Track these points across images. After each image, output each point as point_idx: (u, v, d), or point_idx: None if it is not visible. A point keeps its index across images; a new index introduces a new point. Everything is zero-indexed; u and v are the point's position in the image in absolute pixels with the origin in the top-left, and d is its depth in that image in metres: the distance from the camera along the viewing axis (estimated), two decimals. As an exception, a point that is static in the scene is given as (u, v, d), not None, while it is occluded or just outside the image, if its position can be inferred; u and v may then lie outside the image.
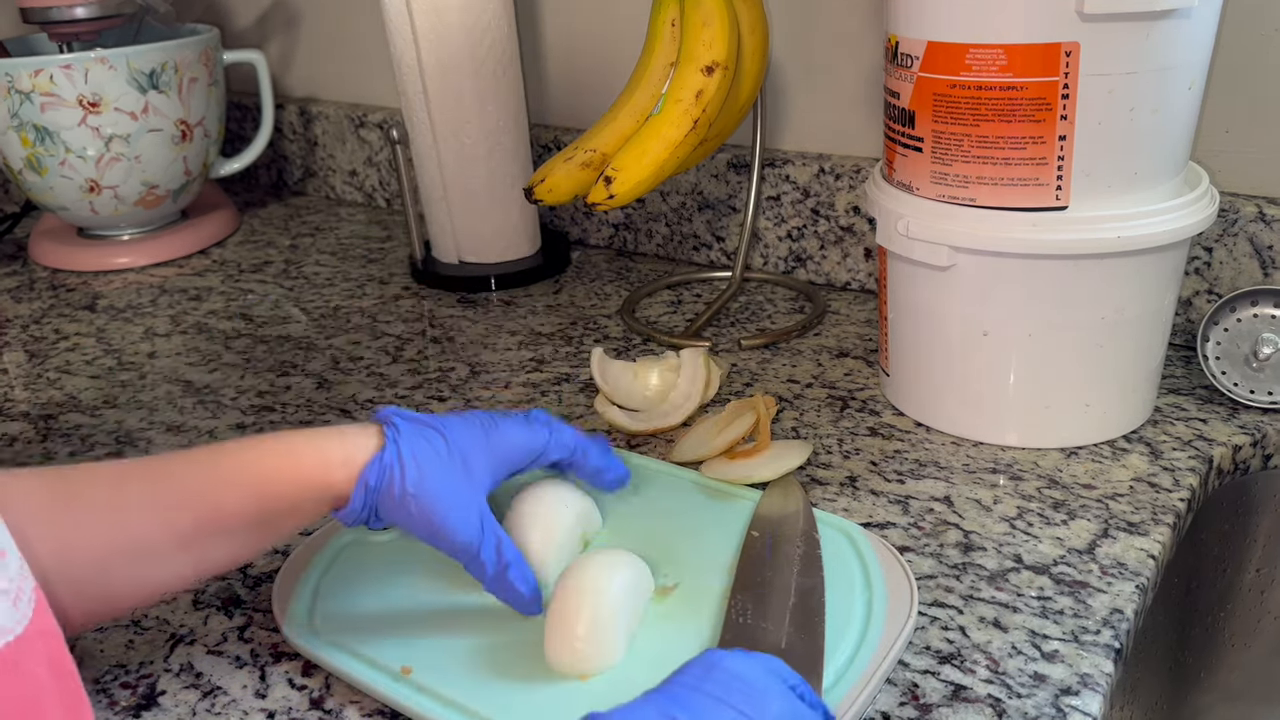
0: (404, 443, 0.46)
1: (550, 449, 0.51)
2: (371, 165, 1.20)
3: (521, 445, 0.50)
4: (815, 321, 0.83)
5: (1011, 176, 0.57)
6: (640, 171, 0.71)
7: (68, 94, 0.97)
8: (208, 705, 0.47)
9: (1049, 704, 0.44)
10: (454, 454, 0.47)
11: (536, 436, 0.51)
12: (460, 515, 0.46)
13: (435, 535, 0.46)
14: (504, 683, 0.45)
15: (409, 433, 0.47)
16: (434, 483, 0.46)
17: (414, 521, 0.46)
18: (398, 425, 0.47)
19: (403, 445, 0.46)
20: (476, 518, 0.47)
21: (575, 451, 0.53)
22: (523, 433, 0.50)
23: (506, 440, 0.50)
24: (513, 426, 0.50)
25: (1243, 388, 0.67)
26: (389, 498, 0.45)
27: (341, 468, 0.45)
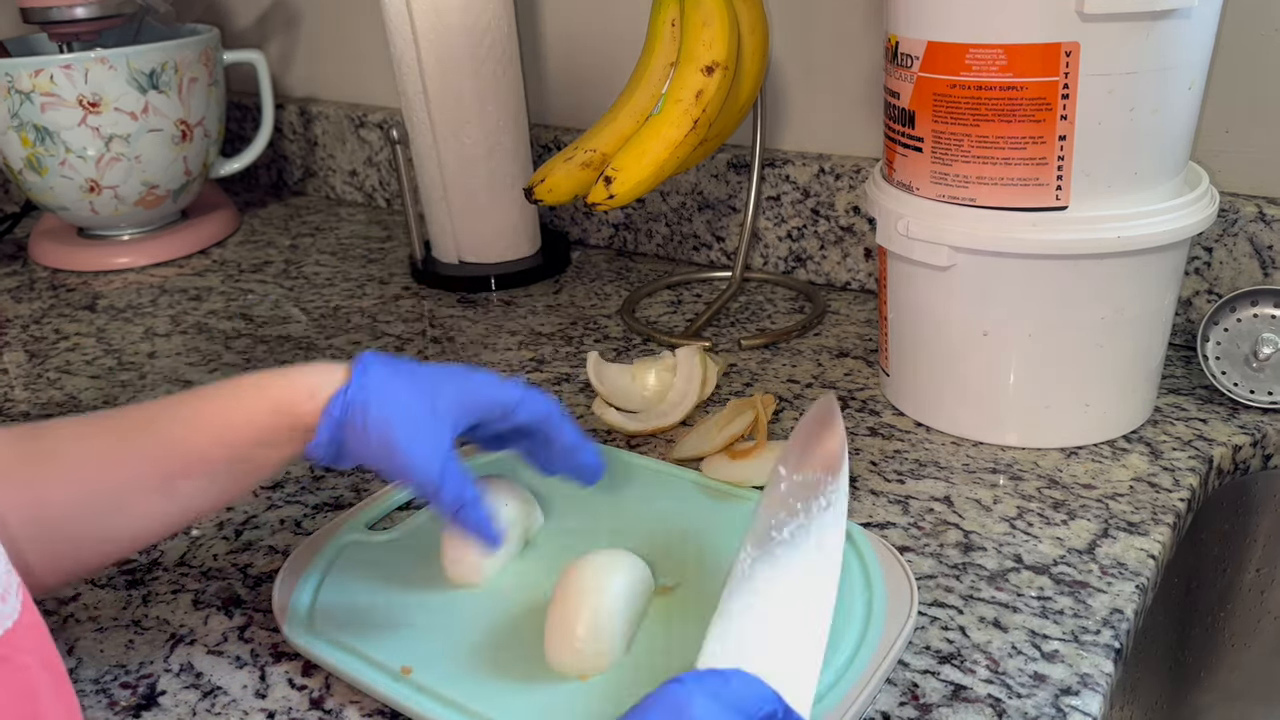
0: (371, 377, 0.46)
1: (521, 408, 0.50)
2: (371, 165, 1.20)
3: (491, 396, 0.50)
4: (815, 321, 0.83)
5: (1011, 176, 0.57)
6: (640, 171, 0.71)
7: (68, 94, 0.97)
8: (208, 705, 0.47)
9: (1049, 704, 0.44)
10: (421, 391, 0.47)
11: (509, 391, 0.50)
12: (423, 450, 0.46)
13: (397, 468, 0.46)
14: (504, 683, 0.45)
15: (377, 368, 0.47)
16: (398, 416, 0.45)
17: (376, 453, 0.45)
18: (367, 361, 0.47)
19: (370, 379, 0.46)
20: (439, 454, 0.46)
21: (549, 419, 0.52)
22: (495, 384, 0.50)
23: (477, 386, 0.50)
24: (486, 377, 0.50)
25: (1243, 388, 0.67)
26: (353, 429, 0.45)
27: (309, 400, 0.45)
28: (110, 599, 0.55)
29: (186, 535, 0.60)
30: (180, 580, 0.56)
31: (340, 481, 0.65)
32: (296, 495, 0.64)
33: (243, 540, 0.60)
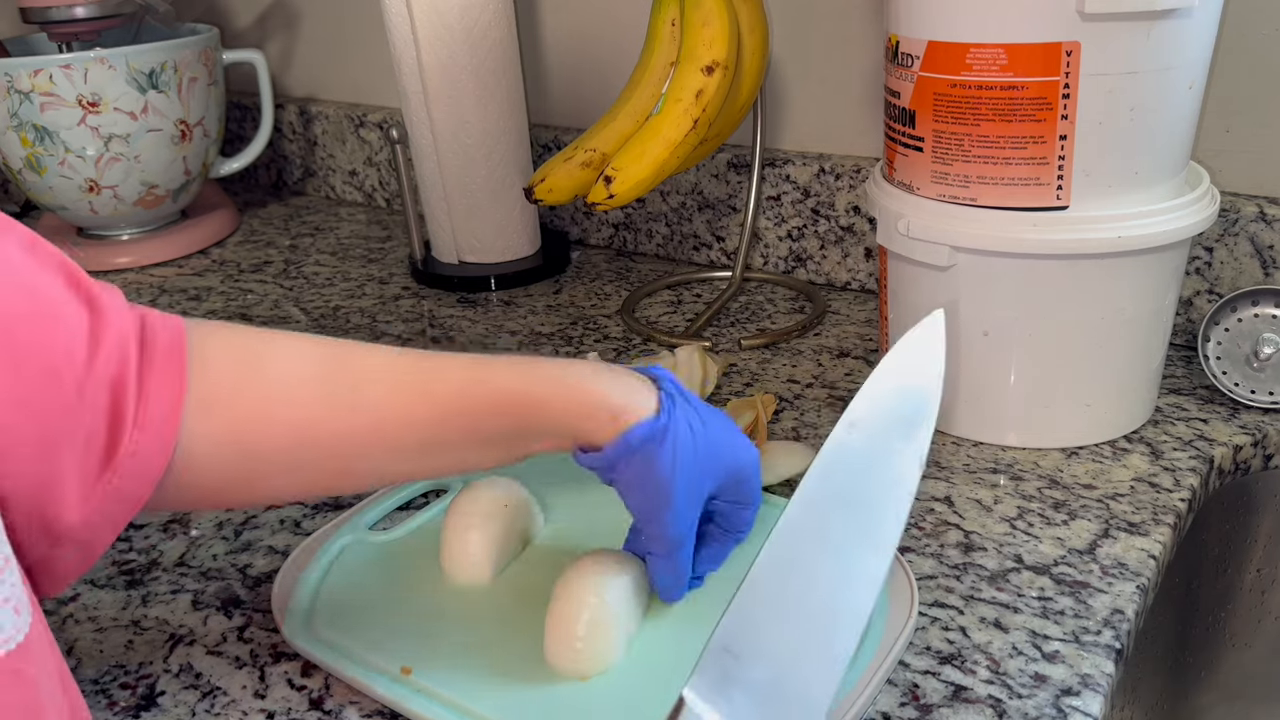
0: (676, 420, 0.45)
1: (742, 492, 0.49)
2: (371, 165, 1.20)
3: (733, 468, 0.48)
4: (815, 321, 0.83)
5: (1012, 176, 0.57)
6: (640, 171, 0.71)
7: (67, 94, 0.97)
8: (207, 705, 0.47)
9: (1049, 704, 0.44)
10: (700, 450, 0.46)
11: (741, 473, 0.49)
12: (684, 511, 0.46)
13: (653, 516, 0.45)
14: (504, 683, 0.45)
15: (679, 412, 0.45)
16: (682, 472, 0.45)
17: (645, 495, 0.45)
18: (673, 397, 0.45)
19: (673, 422, 0.44)
20: (693, 519, 0.46)
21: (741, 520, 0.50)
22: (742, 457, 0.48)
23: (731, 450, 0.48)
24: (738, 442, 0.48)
25: (1243, 388, 0.66)
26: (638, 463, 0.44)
27: (610, 423, 0.44)
28: (109, 599, 0.55)
29: (186, 535, 0.60)
30: (180, 580, 0.56)
31: (340, 481, 0.65)
32: (296, 495, 0.64)
33: (242, 540, 0.60)
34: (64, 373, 0.36)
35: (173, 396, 0.39)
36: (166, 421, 0.39)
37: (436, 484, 0.62)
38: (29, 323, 0.35)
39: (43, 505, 0.36)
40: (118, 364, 0.37)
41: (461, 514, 0.52)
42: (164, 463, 0.39)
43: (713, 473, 0.47)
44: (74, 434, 0.36)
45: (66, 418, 0.36)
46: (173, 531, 0.61)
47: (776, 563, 0.37)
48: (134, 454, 0.37)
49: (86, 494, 0.37)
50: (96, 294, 0.39)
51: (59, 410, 0.35)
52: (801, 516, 0.38)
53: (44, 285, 0.36)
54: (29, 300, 0.36)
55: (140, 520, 0.62)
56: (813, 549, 0.38)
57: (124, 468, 0.37)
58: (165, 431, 0.39)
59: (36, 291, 0.36)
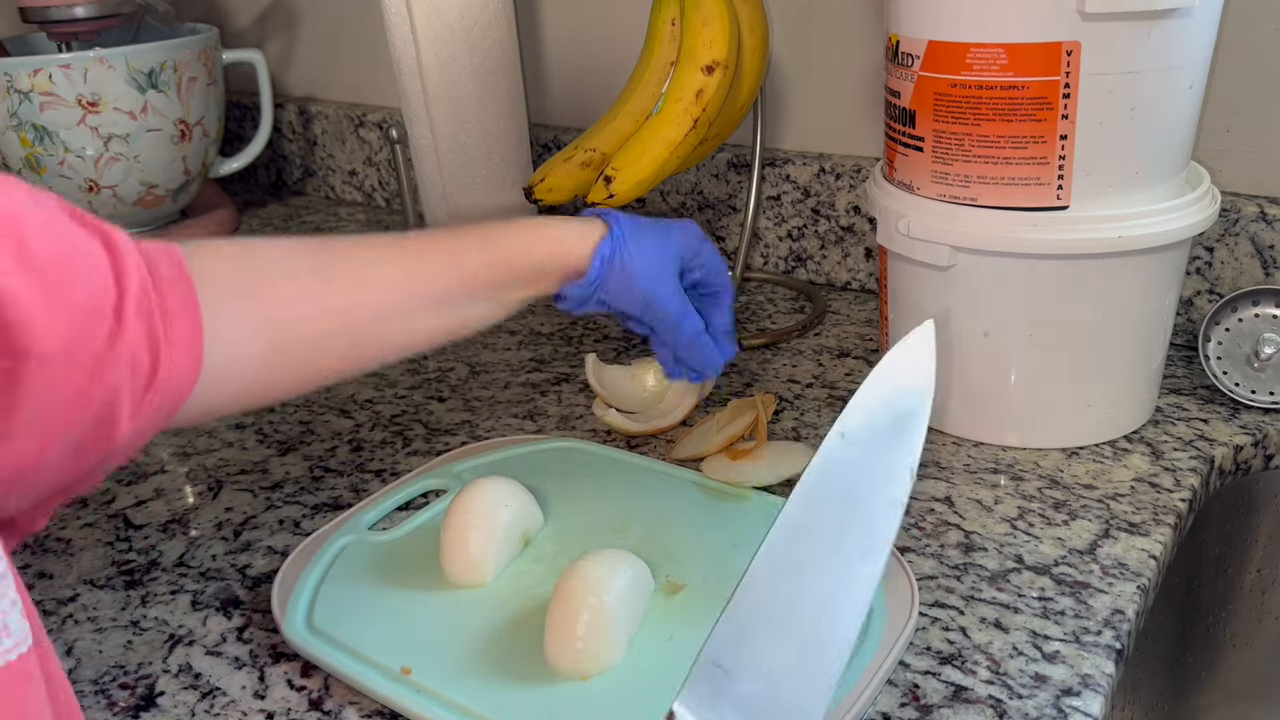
0: (625, 230, 0.57)
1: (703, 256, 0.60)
2: (371, 165, 1.20)
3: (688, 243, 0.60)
4: (815, 321, 0.83)
5: (1012, 176, 0.57)
6: (640, 171, 0.71)
7: (67, 94, 0.97)
8: (207, 706, 0.47)
9: (1050, 704, 0.44)
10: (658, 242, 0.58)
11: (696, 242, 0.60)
12: (669, 290, 0.58)
13: (649, 305, 0.57)
14: (504, 683, 0.45)
15: (626, 224, 0.57)
16: (651, 263, 0.57)
17: (633, 292, 0.56)
18: (617, 218, 0.57)
19: (625, 231, 0.56)
20: (680, 294, 0.58)
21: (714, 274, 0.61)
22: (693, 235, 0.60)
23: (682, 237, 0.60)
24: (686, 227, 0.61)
25: (1244, 388, 0.66)
26: (616, 271, 0.55)
27: (579, 244, 0.55)
28: (109, 599, 0.55)
29: (185, 535, 0.60)
30: (179, 581, 0.56)
31: (340, 482, 0.65)
32: (296, 495, 0.64)
33: (242, 540, 0.60)
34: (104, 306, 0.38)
35: (192, 311, 0.42)
36: (194, 336, 0.42)
37: (436, 484, 0.61)
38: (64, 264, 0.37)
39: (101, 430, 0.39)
40: (141, 290, 0.40)
41: (461, 514, 0.52)
42: (197, 374, 0.42)
43: (672, 252, 0.58)
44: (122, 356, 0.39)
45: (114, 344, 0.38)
46: (173, 531, 0.61)
47: (766, 575, 0.37)
48: (170, 370, 0.41)
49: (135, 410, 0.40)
50: (103, 228, 0.41)
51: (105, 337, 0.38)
52: (792, 528, 0.38)
53: (61, 226, 0.38)
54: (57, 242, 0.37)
55: (140, 520, 0.62)
56: (803, 561, 0.38)
57: (163, 384, 0.41)
58: (195, 345, 0.42)
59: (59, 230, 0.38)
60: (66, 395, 0.37)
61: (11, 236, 0.35)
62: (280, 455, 0.69)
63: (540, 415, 0.71)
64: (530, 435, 0.68)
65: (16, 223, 0.36)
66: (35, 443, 0.37)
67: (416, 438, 0.69)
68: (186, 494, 0.65)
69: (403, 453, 0.68)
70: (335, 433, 0.71)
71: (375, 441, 0.69)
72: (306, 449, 0.69)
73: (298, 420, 0.73)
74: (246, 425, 0.73)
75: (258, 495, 0.64)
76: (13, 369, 0.35)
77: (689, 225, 0.61)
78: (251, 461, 0.68)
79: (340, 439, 0.70)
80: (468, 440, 0.68)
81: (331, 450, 0.69)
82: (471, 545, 0.52)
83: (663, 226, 0.60)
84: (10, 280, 0.34)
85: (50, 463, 0.38)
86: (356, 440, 0.70)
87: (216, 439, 0.71)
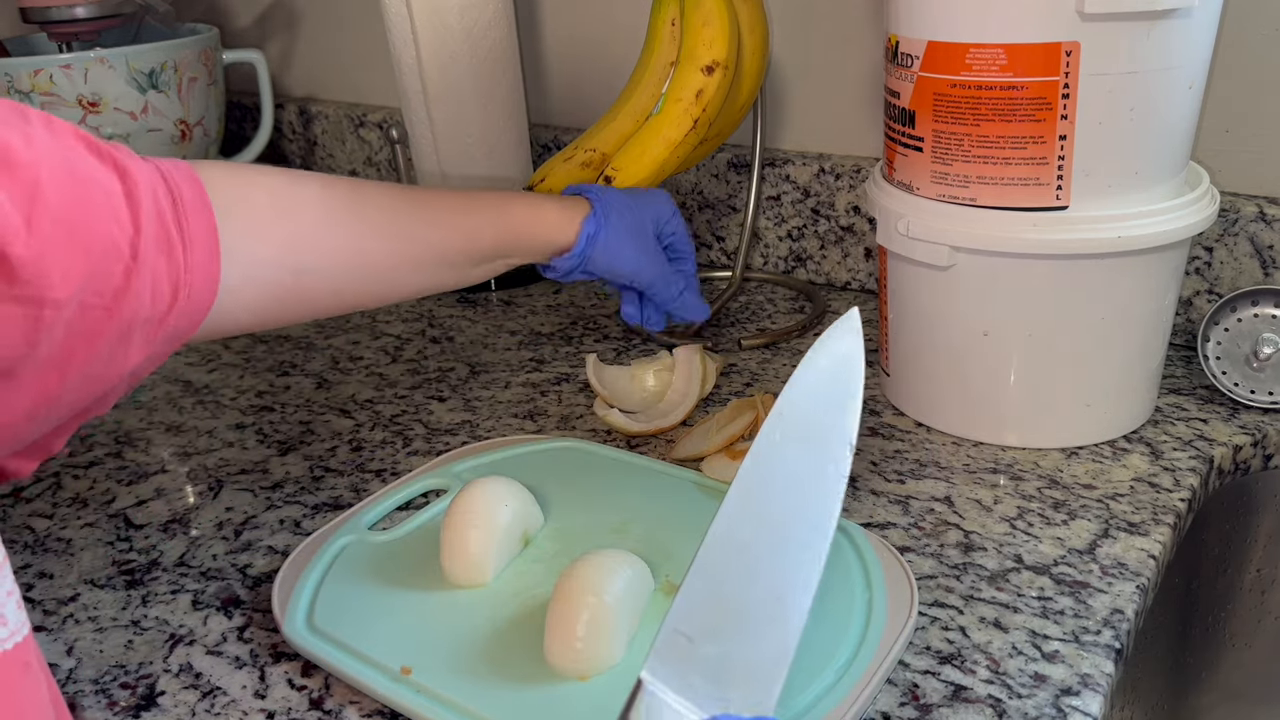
0: (607, 206, 0.63)
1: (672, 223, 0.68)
2: (371, 165, 1.20)
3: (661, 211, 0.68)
4: (815, 321, 0.83)
5: (1012, 176, 0.57)
6: (640, 171, 0.71)
7: (67, 94, 0.97)
8: (207, 705, 0.47)
9: (1049, 704, 0.44)
10: (637, 216, 0.65)
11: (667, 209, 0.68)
12: (651, 253, 0.66)
13: (636, 271, 0.65)
14: (504, 683, 0.45)
15: (606, 199, 0.64)
16: (631, 236, 0.64)
17: (618, 262, 0.64)
18: (598, 195, 0.64)
19: (607, 208, 0.63)
20: (663, 259, 0.67)
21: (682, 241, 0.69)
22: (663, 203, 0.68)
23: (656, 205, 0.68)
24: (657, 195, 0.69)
25: (1243, 388, 0.67)
26: (601, 246, 0.62)
27: (569, 223, 0.62)
28: (109, 599, 0.55)
29: (186, 535, 0.60)
30: (179, 580, 0.56)
31: (340, 482, 0.65)
32: (296, 495, 0.64)
33: (242, 540, 0.60)
34: (120, 242, 0.39)
35: (209, 237, 0.43)
36: (211, 261, 0.43)
37: (436, 484, 0.62)
38: (81, 205, 0.38)
39: (113, 360, 0.40)
40: (157, 219, 0.41)
41: (461, 514, 0.52)
42: (212, 299, 0.43)
43: (648, 220, 0.66)
44: (138, 292, 0.39)
45: (130, 280, 0.39)
46: (173, 531, 0.61)
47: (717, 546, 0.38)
48: (189, 296, 0.42)
49: (149, 338, 0.41)
50: (117, 156, 0.41)
51: (121, 274, 0.39)
52: (739, 501, 0.39)
53: (77, 162, 0.39)
54: (73, 182, 0.38)
55: (140, 519, 0.62)
56: (752, 530, 0.39)
57: (180, 309, 0.42)
58: (211, 270, 0.43)
59: (75, 170, 0.38)
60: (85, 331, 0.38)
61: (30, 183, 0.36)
62: (280, 455, 0.69)
63: (540, 415, 0.71)
64: (530, 435, 0.68)
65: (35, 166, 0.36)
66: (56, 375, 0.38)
67: (417, 438, 0.69)
68: (187, 494, 0.65)
69: (403, 453, 0.68)
70: (335, 433, 0.71)
71: (375, 441, 0.69)
72: (307, 449, 0.69)
73: (298, 420, 0.73)
74: (246, 425, 0.73)
75: (258, 495, 0.64)
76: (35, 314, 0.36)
77: (660, 194, 0.69)
78: (252, 461, 0.68)
79: (340, 439, 0.70)
80: (468, 440, 0.68)
81: (332, 450, 0.69)
82: (471, 545, 0.52)
83: (638, 198, 0.66)
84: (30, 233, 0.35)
85: (69, 392, 0.39)
86: (357, 440, 0.70)
87: (217, 439, 0.71)
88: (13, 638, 0.31)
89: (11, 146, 0.36)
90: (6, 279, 0.35)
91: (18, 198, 0.35)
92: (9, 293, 0.35)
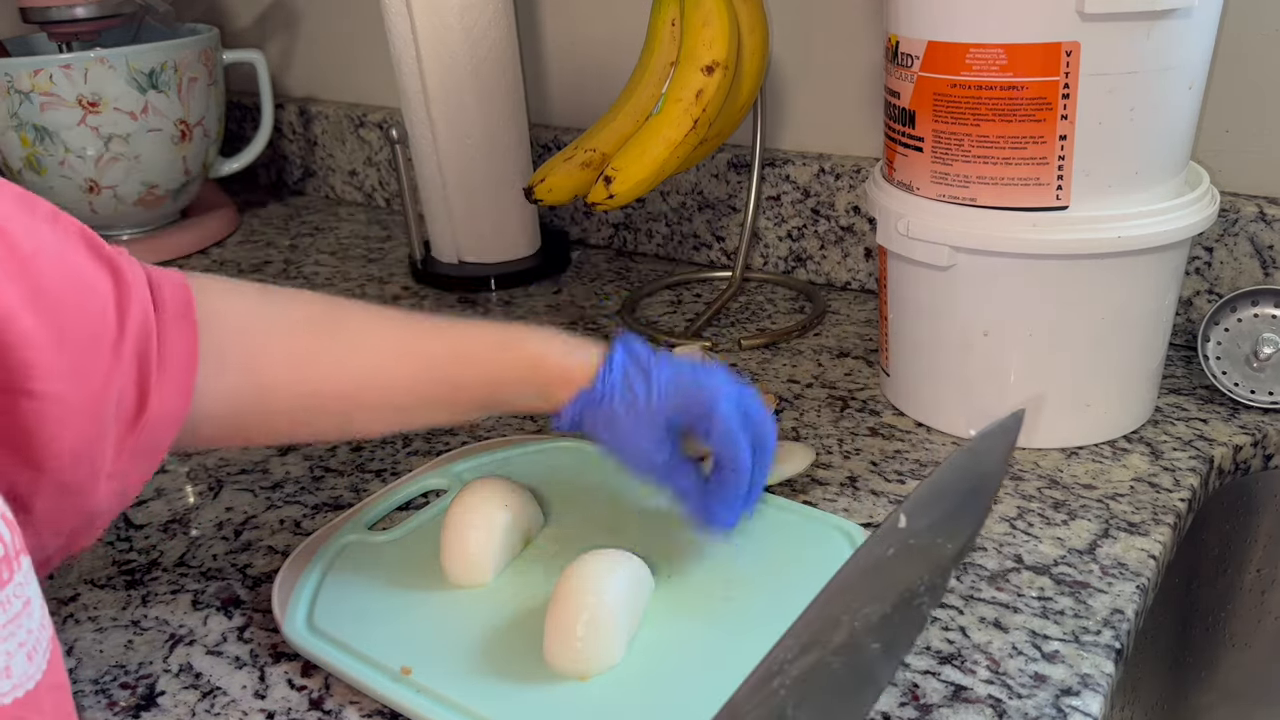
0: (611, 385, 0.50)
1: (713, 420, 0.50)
2: (371, 165, 1.20)
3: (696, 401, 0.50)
4: (815, 321, 0.83)
5: (1012, 176, 0.57)
6: (640, 171, 0.71)
7: (67, 94, 0.97)
8: (207, 706, 0.47)
9: (1049, 704, 0.44)
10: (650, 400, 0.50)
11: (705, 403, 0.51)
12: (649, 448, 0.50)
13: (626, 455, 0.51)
14: (504, 683, 0.45)
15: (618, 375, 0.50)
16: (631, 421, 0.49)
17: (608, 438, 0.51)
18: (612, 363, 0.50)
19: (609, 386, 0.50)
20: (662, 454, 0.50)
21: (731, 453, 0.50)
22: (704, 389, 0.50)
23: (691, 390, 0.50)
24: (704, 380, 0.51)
25: (1243, 388, 0.66)
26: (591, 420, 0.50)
27: (563, 388, 0.50)
28: (109, 599, 0.55)
29: (186, 535, 0.60)
30: (180, 580, 0.56)
31: (340, 482, 0.65)
32: (296, 495, 0.64)
33: (242, 540, 0.60)
34: (103, 340, 0.39)
35: (189, 354, 0.43)
36: (186, 376, 0.43)
37: (436, 484, 0.62)
38: (70, 295, 0.38)
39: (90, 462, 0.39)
40: (141, 327, 0.41)
41: (461, 514, 0.52)
42: (184, 415, 0.43)
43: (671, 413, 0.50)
44: (111, 396, 0.39)
45: (107, 382, 0.39)
46: (173, 531, 0.61)
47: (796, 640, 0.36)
48: (159, 409, 0.41)
49: (120, 446, 0.40)
50: (115, 259, 0.41)
51: (101, 375, 0.39)
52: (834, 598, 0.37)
53: (72, 256, 0.39)
54: (66, 273, 0.38)
55: (140, 519, 0.62)
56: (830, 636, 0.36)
57: (151, 422, 0.41)
58: (185, 385, 0.43)
59: (70, 264, 0.38)
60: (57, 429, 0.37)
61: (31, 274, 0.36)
62: (280, 455, 0.69)
63: (540, 415, 0.71)
64: (530, 435, 0.68)
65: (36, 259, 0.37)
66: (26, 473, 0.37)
67: (417, 437, 0.69)
68: (187, 494, 0.65)
69: (403, 452, 0.68)
70: (335, 433, 0.71)
71: (375, 441, 0.69)
72: (307, 449, 0.69)
73: (298, 420, 0.73)
74: (247, 425, 0.73)
75: (258, 495, 0.64)
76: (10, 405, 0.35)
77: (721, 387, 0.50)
78: (252, 461, 0.68)
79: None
80: (468, 440, 0.68)
81: (332, 450, 0.69)
82: (471, 545, 0.52)
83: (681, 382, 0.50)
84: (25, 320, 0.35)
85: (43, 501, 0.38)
86: (357, 440, 0.70)
87: (217, 439, 0.71)
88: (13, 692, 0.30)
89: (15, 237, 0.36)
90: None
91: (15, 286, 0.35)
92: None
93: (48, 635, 0.32)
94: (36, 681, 0.31)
